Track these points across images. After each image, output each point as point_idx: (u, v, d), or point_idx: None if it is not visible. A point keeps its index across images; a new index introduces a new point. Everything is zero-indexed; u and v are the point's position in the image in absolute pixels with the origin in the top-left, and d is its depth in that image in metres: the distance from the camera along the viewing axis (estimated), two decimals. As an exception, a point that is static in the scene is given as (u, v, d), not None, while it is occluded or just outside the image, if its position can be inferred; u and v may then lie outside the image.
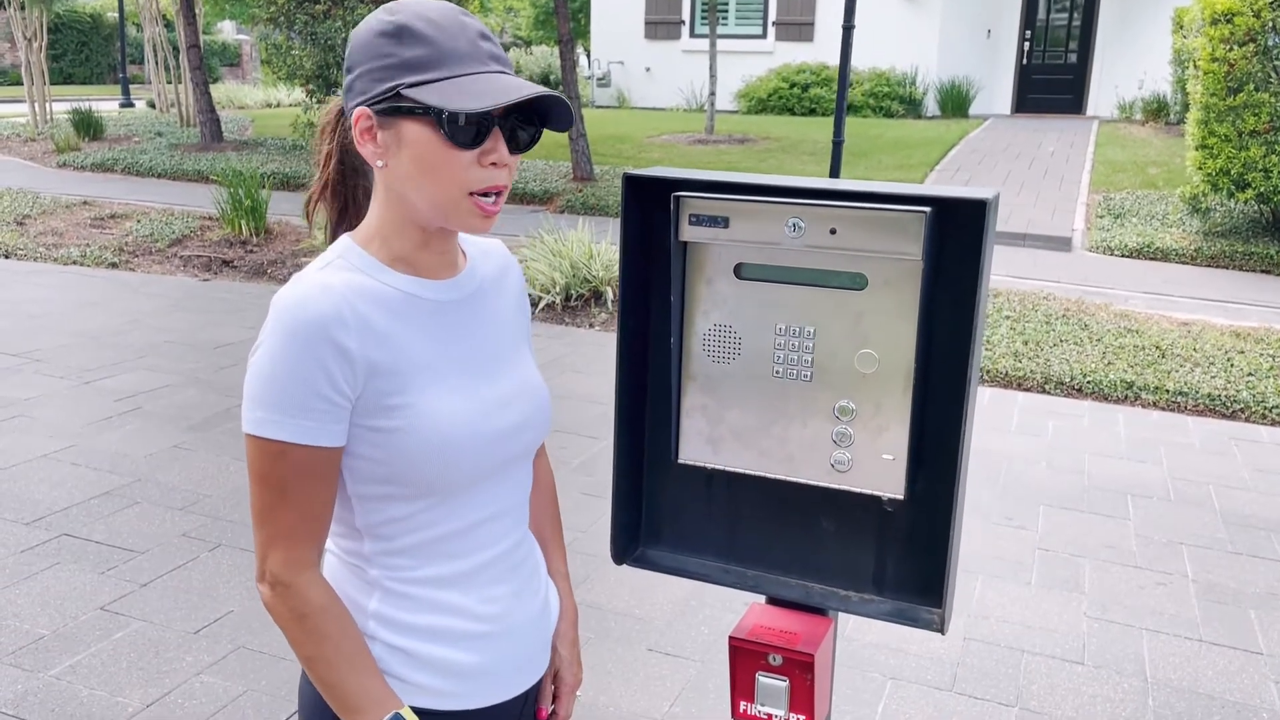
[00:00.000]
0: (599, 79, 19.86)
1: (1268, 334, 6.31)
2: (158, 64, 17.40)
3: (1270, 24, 8.14)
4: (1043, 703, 2.95)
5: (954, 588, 1.47)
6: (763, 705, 1.53)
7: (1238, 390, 5.42)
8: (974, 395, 1.42)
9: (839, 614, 1.61)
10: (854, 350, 1.47)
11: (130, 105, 21.05)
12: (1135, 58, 16.77)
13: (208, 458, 4.50)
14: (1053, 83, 17.92)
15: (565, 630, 1.49)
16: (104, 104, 19.83)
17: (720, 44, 17.08)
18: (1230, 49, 8.21)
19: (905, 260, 1.41)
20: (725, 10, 18.59)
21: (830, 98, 17.01)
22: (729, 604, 3.42)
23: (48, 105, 15.85)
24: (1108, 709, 2.92)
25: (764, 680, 1.51)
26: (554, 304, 6.91)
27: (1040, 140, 13.86)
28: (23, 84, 16.34)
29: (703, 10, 18.73)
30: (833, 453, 1.50)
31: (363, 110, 1.18)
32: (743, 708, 1.55)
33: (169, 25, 18.25)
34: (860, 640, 3.23)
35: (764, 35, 18.49)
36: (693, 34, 18.99)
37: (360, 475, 1.21)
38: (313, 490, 1.18)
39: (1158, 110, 15.75)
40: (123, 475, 4.29)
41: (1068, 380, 5.59)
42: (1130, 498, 4.31)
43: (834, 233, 1.42)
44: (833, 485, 1.51)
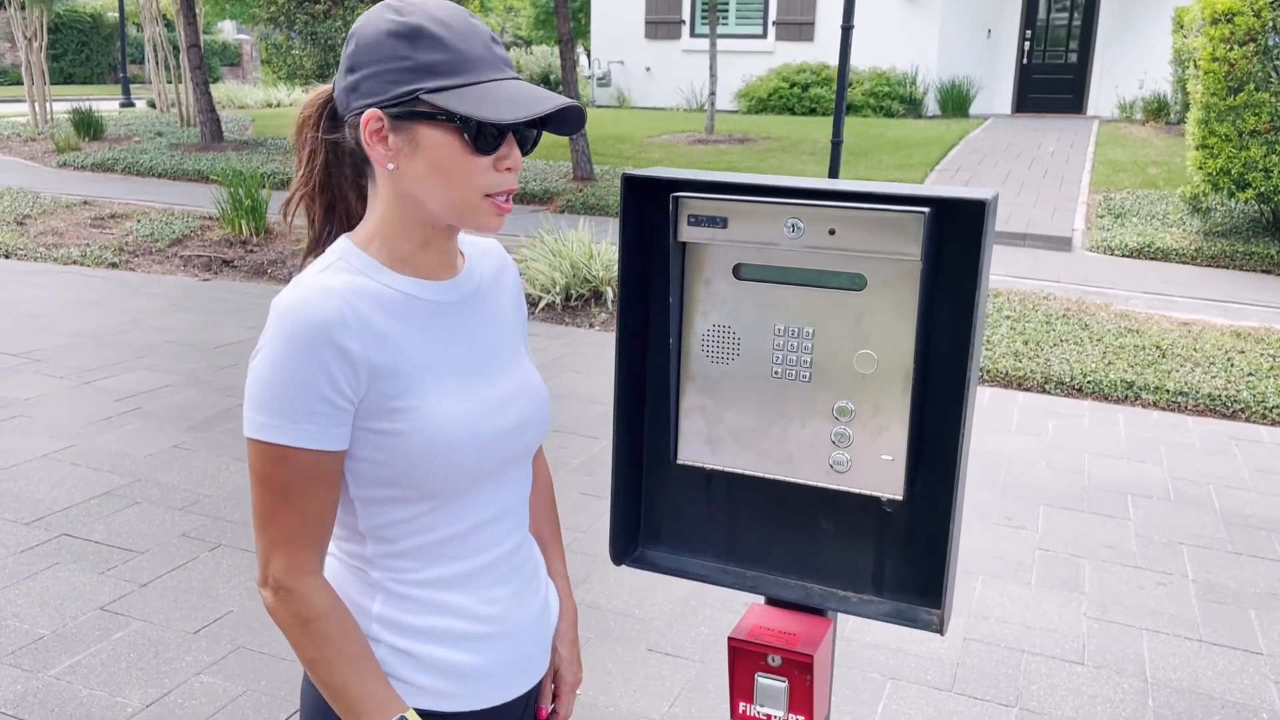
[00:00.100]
0: (599, 79, 19.86)
1: (1268, 334, 6.31)
2: (158, 64, 17.40)
3: (1270, 24, 8.13)
4: (1042, 703, 2.95)
5: (953, 588, 1.47)
6: (762, 706, 1.53)
7: (1238, 390, 5.42)
8: (973, 396, 1.42)
9: (838, 614, 1.60)
10: (853, 351, 1.47)
11: (130, 105, 21.06)
12: (1135, 57, 16.76)
13: (208, 458, 4.50)
14: (1053, 82, 17.92)
15: (565, 630, 1.49)
16: (104, 104, 19.82)
17: (720, 44, 17.07)
18: (1231, 49, 8.21)
19: (904, 261, 1.40)
20: (725, 10, 18.59)
21: (830, 97, 17.01)
22: (729, 604, 3.42)
23: (48, 105, 15.85)
24: (1108, 709, 2.92)
25: (763, 681, 1.51)
26: (554, 304, 6.91)
27: (1040, 140, 13.85)
28: (23, 84, 16.34)
29: (703, 10, 18.73)
30: (832, 453, 1.50)
31: (374, 112, 1.16)
32: (742, 708, 1.55)
33: (169, 25, 18.24)
34: (860, 640, 3.23)
35: (764, 35, 18.49)
36: (693, 34, 18.99)
37: (363, 478, 1.21)
38: (316, 494, 1.17)
39: (1158, 110, 15.75)
40: (122, 475, 4.29)
41: (1068, 380, 5.59)
42: (1130, 498, 4.31)
43: (833, 233, 1.42)
44: (832, 486, 1.51)
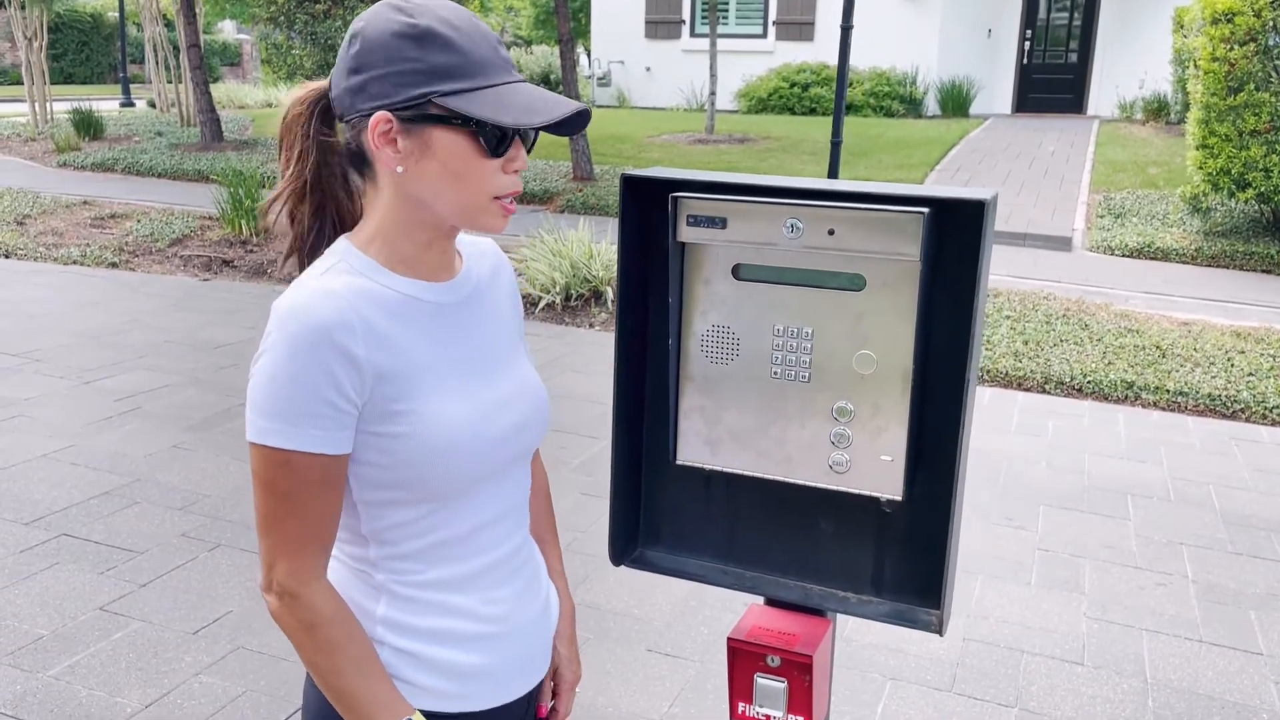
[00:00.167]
0: (599, 79, 19.85)
1: (1268, 334, 6.30)
2: (158, 63, 17.39)
3: (1271, 23, 8.13)
4: (1042, 703, 2.95)
5: (952, 589, 1.47)
6: (761, 706, 1.52)
7: (1238, 390, 5.42)
8: (972, 396, 1.42)
9: (837, 615, 1.60)
10: (852, 351, 1.46)
11: (130, 105, 21.07)
12: (1136, 57, 16.76)
13: (207, 458, 4.49)
14: (1053, 82, 17.91)
15: (564, 628, 1.50)
16: (104, 103, 19.82)
17: (720, 43, 17.07)
18: (1231, 48, 8.21)
19: (903, 261, 1.40)
20: (725, 10, 18.59)
21: (830, 97, 17.00)
22: (728, 605, 3.42)
23: (48, 105, 15.85)
24: (1107, 710, 2.92)
25: (762, 681, 1.51)
26: (554, 304, 6.91)
27: (1041, 140, 13.85)
28: (23, 84, 16.33)
29: (703, 10, 18.72)
30: (831, 454, 1.50)
31: (383, 114, 1.15)
32: (741, 709, 1.55)
33: (169, 25, 18.23)
34: (859, 641, 3.22)
35: (764, 35, 18.48)
36: (693, 33, 18.99)
37: (366, 481, 1.21)
38: (320, 499, 1.17)
39: (1158, 110, 15.75)
40: (122, 475, 4.29)
41: (1068, 380, 5.59)
42: (1130, 498, 4.31)
43: (832, 233, 1.42)
44: (831, 486, 1.51)
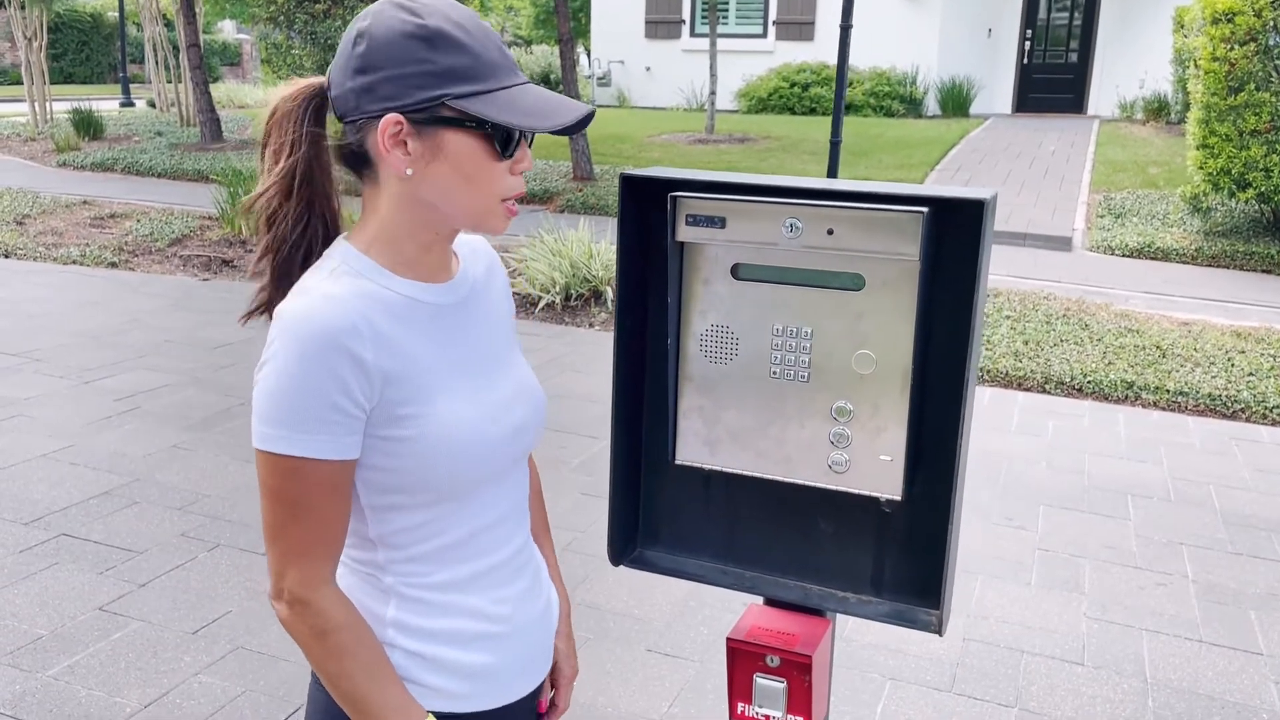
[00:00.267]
0: (599, 78, 19.85)
1: (1268, 334, 6.30)
2: (158, 63, 17.40)
3: (1271, 23, 8.13)
4: (1042, 703, 2.94)
5: (952, 589, 1.47)
6: (760, 706, 1.52)
7: (1238, 390, 5.42)
8: (972, 396, 1.41)
9: (837, 615, 1.60)
10: (851, 351, 1.46)
11: (130, 104, 21.06)
12: (1136, 57, 16.75)
13: (207, 457, 4.49)
14: (1053, 82, 17.91)
15: (561, 625, 1.50)
16: (104, 103, 19.81)
17: (720, 43, 17.06)
18: (1231, 48, 8.21)
19: (903, 261, 1.40)
20: (725, 9, 18.58)
21: (831, 97, 17.00)
22: (728, 605, 3.42)
23: (48, 105, 15.85)
24: (1107, 710, 2.92)
25: (762, 681, 1.51)
26: (554, 304, 6.90)
27: (1041, 140, 13.85)
28: (23, 83, 16.33)
29: (703, 10, 18.72)
30: (830, 454, 1.50)
31: (394, 116, 1.14)
32: (740, 709, 1.54)
33: (169, 24, 18.22)
34: (859, 641, 3.22)
35: (764, 35, 18.48)
36: (693, 33, 18.98)
37: (373, 485, 1.20)
38: (329, 505, 1.16)
39: (1158, 110, 15.74)
40: (121, 475, 4.29)
41: (1068, 380, 5.59)
42: (1130, 498, 4.30)
43: (831, 233, 1.42)
44: (830, 486, 1.51)
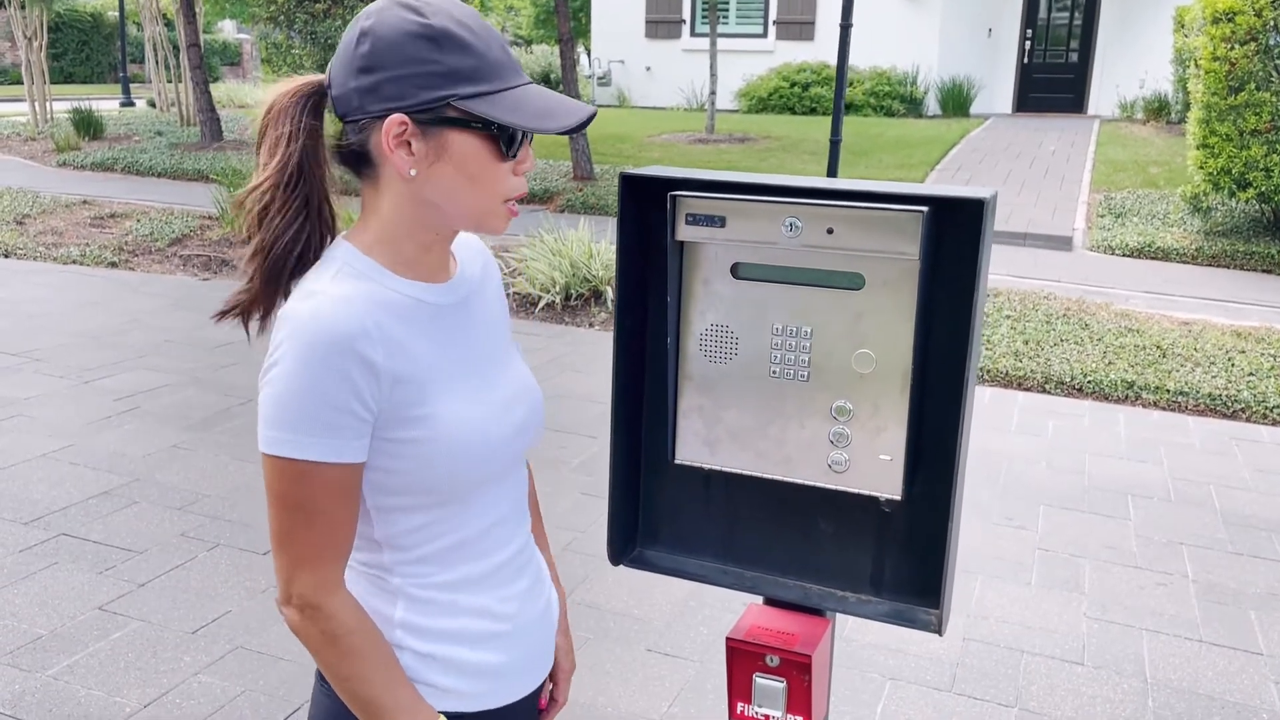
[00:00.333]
0: (599, 78, 19.84)
1: (1269, 333, 6.30)
2: (158, 63, 17.39)
3: (1271, 23, 8.12)
4: (1042, 703, 2.94)
5: (952, 588, 1.47)
6: (760, 706, 1.52)
7: (1238, 390, 5.41)
8: (972, 395, 1.41)
9: (837, 614, 1.60)
10: (851, 350, 1.46)
11: (130, 104, 21.05)
12: (1136, 57, 16.75)
13: (206, 457, 4.49)
14: (1054, 82, 17.91)
15: (559, 620, 1.51)
16: (104, 103, 19.80)
17: (721, 43, 17.06)
18: (1231, 48, 8.20)
19: (903, 260, 1.40)
20: (726, 9, 18.58)
21: (831, 97, 17.00)
22: (728, 604, 3.41)
23: (48, 104, 15.84)
24: (1107, 710, 2.92)
25: (761, 681, 1.51)
26: (554, 303, 6.90)
27: (1041, 139, 13.85)
28: (23, 83, 16.32)
29: (703, 9, 18.71)
30: (830, 453, 1.50)
31: (399, 117, 1.13)
32: (740, 709, 1.54)
33: (169, 24, 18.22)
34: (859, 640, 3.22)
35: (764, 34, 18.48)
36: (693, 33, 18.98)
37: (379, 488, 1.20)
38: (339, 509, 1.16)
39: (1159, 109, 15.74)
40: (121, 475, 4.29)
41: (1068, 380, 5.58)
42: (1130, 498, 4.30)
43: (831, 232, 1.42)
44: (830, 486, 1.51)
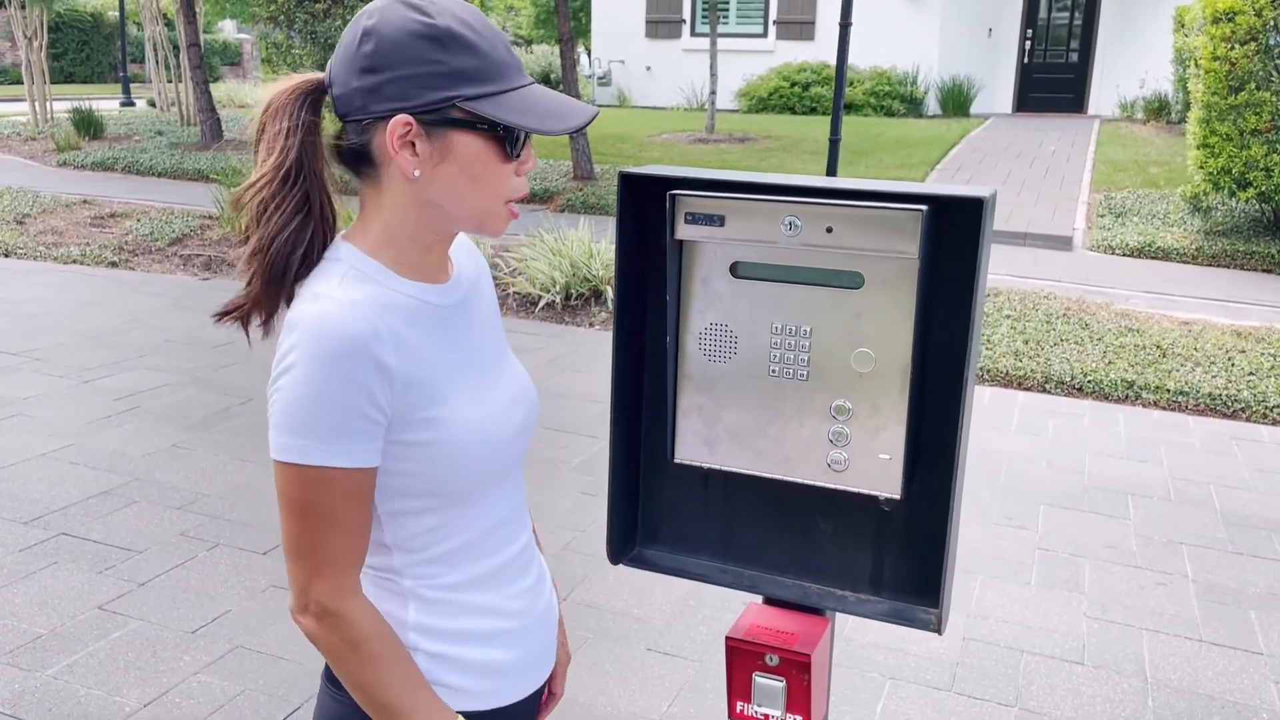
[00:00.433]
0: (599, 78, 19.84)
1: (1269, 333, 6.30)
2: (158, 63, 17.38)
3: (1272, 23, 8.12)
4: (1042, 703, 2.94)
5: (951, 588, 1.46)
6: (760, 705, 1.52)
7: (1239, 390, 5.41)
8: (971, 395, 1.41)
9: (836, 614, 1.60)
10: (850, 349, 1.46)
11: (131, 104, 21.05)
12: (1136, 57, 16.75)
13: (206, 457, 4.49)
14: (1054, 82, 17.91)
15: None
16: (104, 103, 19.80)
17: (721, 43, 17.06)
18: (1232, 48, 8.20)
19: (902, 259, 1.40)
20: (726, 9, 18.58)
21: (831, 96, 16.99)
22: (728, 604, 3.41)
23: (48, 104, 15.84)
24: (1107, 709, 2.92)
25: (761, 681, 1.51)
26: (554, 303, 6.90)
27: (1041, 139, 13.84)
28: (23, 83, 16.32)
29: (703, 9, 18.71)
30: (829, 452, 1.50)
31: (403, 117, 1.12)
32: (740, 708, 1.54)
33: (169, 24, 18.21)
34: (859, 640, 3.22)
35: (765, 34, 18.47)
36: (693, 33, 18.98)
37: (391, 491, 1.20)
38: (354, 514, 1.16)
39: (1159, 109, 15.74)
40: (121, 474, 4.29)
41: (1068, 380, 5.58)
42: (1130, 498, 4.30)
43: (830, 231, 1.42)
44: (830, 485, 1.51)
